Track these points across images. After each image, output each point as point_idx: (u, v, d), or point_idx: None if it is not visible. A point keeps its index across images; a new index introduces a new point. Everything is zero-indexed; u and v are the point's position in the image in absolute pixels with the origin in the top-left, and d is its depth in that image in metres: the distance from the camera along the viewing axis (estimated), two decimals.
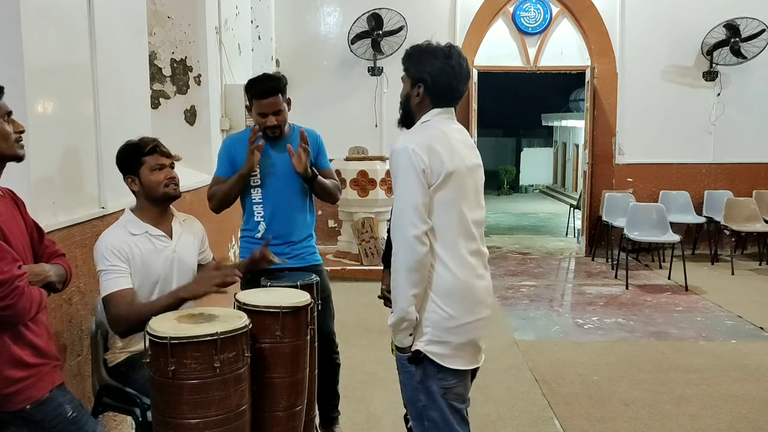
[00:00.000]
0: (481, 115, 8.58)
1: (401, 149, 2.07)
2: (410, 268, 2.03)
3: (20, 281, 1.83)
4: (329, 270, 4.19)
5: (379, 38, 7.82)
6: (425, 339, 2.11)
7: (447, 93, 2.19)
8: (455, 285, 2.11)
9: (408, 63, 2.22)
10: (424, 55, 2.18)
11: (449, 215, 2.10)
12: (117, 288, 2.36)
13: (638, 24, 8.11)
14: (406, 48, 2.26)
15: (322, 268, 3.25)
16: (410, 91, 2.21)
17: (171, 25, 4.91)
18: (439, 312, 2.10)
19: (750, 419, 3.65)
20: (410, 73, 2.21)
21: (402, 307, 2.05)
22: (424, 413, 2.15)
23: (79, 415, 2.05)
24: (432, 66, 2.15)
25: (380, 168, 6.98)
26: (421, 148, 2.06)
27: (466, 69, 2.20)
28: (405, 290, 2.04)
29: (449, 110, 2.22)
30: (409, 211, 2.03)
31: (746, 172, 8.28)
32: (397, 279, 2.05)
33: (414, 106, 2.22)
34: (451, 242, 2.11)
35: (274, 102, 3.03)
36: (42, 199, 2.50)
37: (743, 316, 5.60)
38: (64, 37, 2.72)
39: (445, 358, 2.11)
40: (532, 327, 5.42)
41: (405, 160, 2.05)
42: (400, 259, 2.04)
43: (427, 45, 2.20)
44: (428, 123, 2.18)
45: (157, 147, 2.52)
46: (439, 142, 2.09)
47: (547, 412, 3.74)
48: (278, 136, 3.10)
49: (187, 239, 2.63)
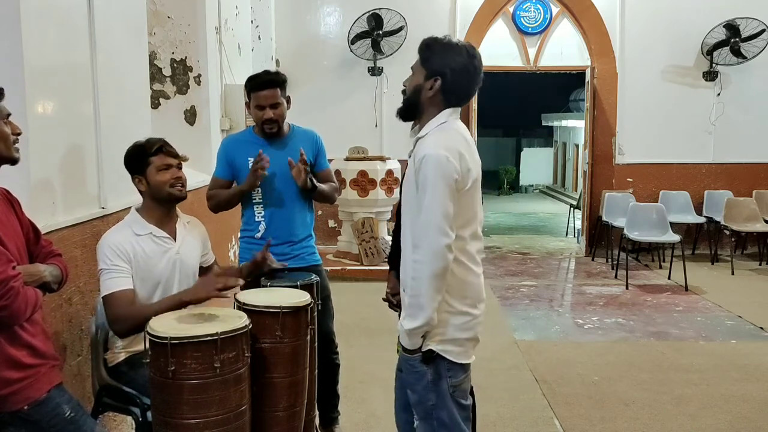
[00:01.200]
0: (481, 115, 8.57)
1: (433, 155, 2.02)
2: (437, 276, 2.02)
3: (15, 282, 1.82)
4: (329, 270, 4.20)
5: (379, 38, 7.81)
6: (438, 338, 2.12)
7: (463, 92, 2.15)
8: (468, 284, 2.14)
9: (428, 53, 2.13)
10: (447, 48, 2.11)
11: (467, 218, 2.12)
12: (118, 288, 2.36)
13: (638, 24, 8.11)
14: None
15: (322, 268, 3.25)
16: (423, 83, 2.13)
17: (171, 25, 4.91)
18: (452, 311, 2.11)
19: (750, 419, 3.65)
20: (429, 64, 2.12)
21: (428, 314, 2.05)
22: (434, 413, 2.16)
23: (77, 415, 2.05)
24: (455, 62, 2.09)
25: (380, 168, 6.98)
26: (453, 155, 2.03)
27: (482, 72, 2.17)
28: (431, 297, 2.03)
29: (459, 111, 2.19)
30: (440, 219, 2.01)
31: (746, 172, 8.28)
32: (422, 287, 2.03)
33: (424, 100, 2.14)
34: (467, 244, 2.13)
35: (271, 95, 3.01)
36: (42, 199, 2.50)
37: (743, 316, 5.60)
38: (64, 37, 2.72)
39: (456, 355, 2.14)
40: (532, 327, 5.42)
41: (437, 167, 2.01)
42: (427, 267, 2.02)
43: (449, 40, 2.14)
44: (446, 125, 2.12)
45: (164, 147, 2.53)
46: (464, 146, 2.08)
47: (547, 412, 3.74)
48: (276, 132, 3.07)
49: (190, 241, 2.64)
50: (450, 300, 2.11)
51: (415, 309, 2.06)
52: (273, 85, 3.02)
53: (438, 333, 2.11)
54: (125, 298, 2.36)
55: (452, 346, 2.13)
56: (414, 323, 2.07)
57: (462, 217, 2.09)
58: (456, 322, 2.12)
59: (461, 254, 2.10)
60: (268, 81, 3.03)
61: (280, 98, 3.04)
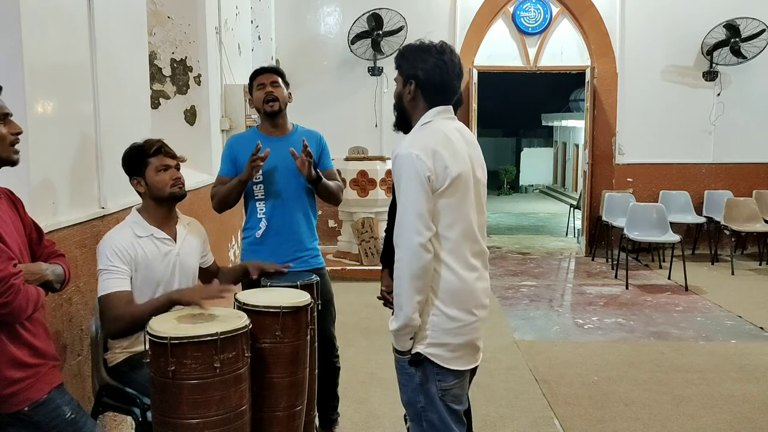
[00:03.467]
0: (481, 115, 8.57)
1: (404, 155, 2.04)
2: (414, 275, 2.02)
3: (16, 279, 1.82)
4: (329, 270, 4.19)
5: (379, 38, 7.82)
6: (426, 342, 2.10)
7: (441, 89, 2.16)
8: (457, 288, 2.10)
9: (400, 61, 2.20)
10: (416, 52, 2.16)
11: (454, 219, 2.08)
12: (115, 289, 2.36)
13: (638, 24, 8.11)
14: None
15: (325, 271, 3.24)
16: (402, 89, 2.19)
17: (171, 25, 4.91)
18: (440, 315, 2.09)
19: (750, 419, 3.65)
20: (402, 70, 2.19)
21: (407, 314, 2.04)
22: (423, 415, 2.15)
23: (77, 417, 2.05)
24: (425, 62, 2.13)
25: (380, 168, 6.99)
26: (426, 154, 2.03)
27: (459, 65, 2.18)
28: (409, 297, 2.03)
29: (448, 109, 2.19)
30: (413, 218, 2.01)
31: (746, 172, 8.28)
32: (402, 286, 2.04)
33: (407, 104, 2.19)
34: (455, 246, 2.09)
35: (273, 78, 3.18)
36: (42, 199, 2.50)
37: (743, 316, 5.60)
38: (64, 37, 2.72)
39: (445, 360, 2.11)
40: (532, 327, 5.42)
41: (409, 166, 2.02)
42: (404, 266, 2.02)
43: (420, 43, 2.19)
44: (429, 124, 2.14)
45: (162, 148, 2.53)
46: (442, 144, 2.07)
47: (547, 412, 3.74)
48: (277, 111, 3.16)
49: (190, 242, 2.64)
50: (436, 302, 2.09)
51: (397, 309, 2.06)
52: (275, 71, 3.22)
53: (425, 336, 2.10)
54: (121, 300, 2.36)
55: (439, 350, 2.10)
56: (395, 324, 2.07)
57: (447, 217, 2.07)
58: (444, 326, 2.10)
59: (449, 256, 2.08)
60: (268, 67, 3.29)
61: (281, 84, 3.20)
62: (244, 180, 3.03)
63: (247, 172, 2.99)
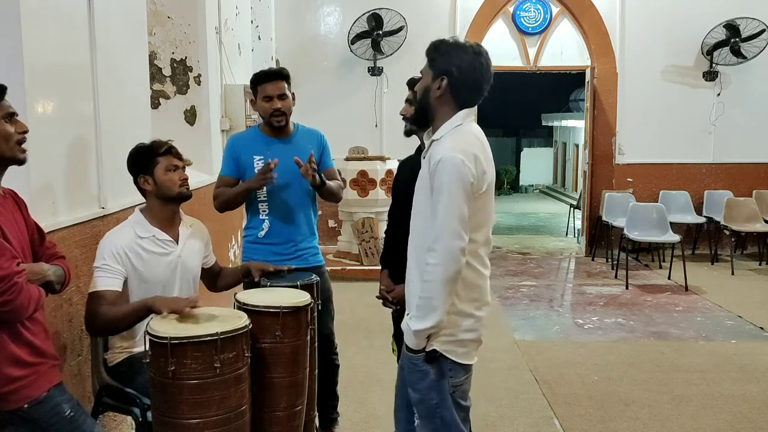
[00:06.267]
0: (481, 115, 8.48)
1: (449, 159, 2.02)
2: (451, 279, 2.03)
3: (19, 278, 1.83)
4: (329, 270, 4.20)
5: (379, 38, 7.81)
6: (443, 339, 2.12)
7: (472, 90, 2.14)
8: (474, 286, 2.14)
9: (434, 54, 2.14)
10: (453, 48, 2.12)
11: (481, 221, 2.12)
12: (103, 287, 2.37)
13: (638, 24, 8.11)
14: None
15: (324, 269, 3.24)
16: (431, 84, 2.13)
17: (171, 25, 4.91)
18: (458, 312, 2.12)
19: (750, 419, 3.65)
20: (435, 64, 2.13)
21: (440, 316, 2.05)
22: (437, 411, 2.16)
23: (76, 415, 2.05)
24: (461, 59, 2.09)
25: (380, 168, 6.98)
26: (469, 159, 2.03)
27: (492, 71, 2.16)
28: (443, 300, 2.04)
29: (473, 112, 2.18)
30: (456, 223, 2.01)
31: (746, 172, 8.28)
32: (435, 289, 2.03)
33: (433, 100, 2.14)
34: (479, 247, 2.14)
35: (279, 86, 3.05)
36: (42, 200, 2.50)
37: (743, 316, 5.60)
38: (64, 37, 2.72)
39: (458, 355, 2.14)
40: (532, 327, 5.42)
41: (453, 171, 2.01)
42: (440, 270, 2.02)
43: (456, 40, 2.15)
44: (461, 127, 2.12)
45: (172, 148, 2.56)
46: (479, 149, 2.08)
47: (547, 412, 3.74)
48: (284, 126, 3.09)
49: (192, 244, 2.65)
50: (458, 302, 2.11)
51: (426, 310, 2.05)
52: (280, 77, 3.07)
53: (444, 334, 2.11)
54: (106, 299, 2.35)
55: (457, 347, 2.13)
56: (424, 324, 2.06)
57: (475, 220, 2.09)
58: (463, 324, 2.13)
59: (472, 258, 2.11)
60: (275, 72, 3.10)
61: (287, 91, 3.08)
62: (252, 188, 3.03)
63: (258, 184, 2.99)
